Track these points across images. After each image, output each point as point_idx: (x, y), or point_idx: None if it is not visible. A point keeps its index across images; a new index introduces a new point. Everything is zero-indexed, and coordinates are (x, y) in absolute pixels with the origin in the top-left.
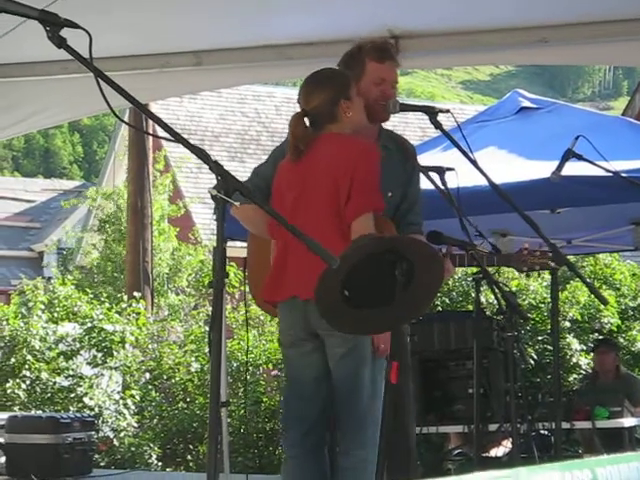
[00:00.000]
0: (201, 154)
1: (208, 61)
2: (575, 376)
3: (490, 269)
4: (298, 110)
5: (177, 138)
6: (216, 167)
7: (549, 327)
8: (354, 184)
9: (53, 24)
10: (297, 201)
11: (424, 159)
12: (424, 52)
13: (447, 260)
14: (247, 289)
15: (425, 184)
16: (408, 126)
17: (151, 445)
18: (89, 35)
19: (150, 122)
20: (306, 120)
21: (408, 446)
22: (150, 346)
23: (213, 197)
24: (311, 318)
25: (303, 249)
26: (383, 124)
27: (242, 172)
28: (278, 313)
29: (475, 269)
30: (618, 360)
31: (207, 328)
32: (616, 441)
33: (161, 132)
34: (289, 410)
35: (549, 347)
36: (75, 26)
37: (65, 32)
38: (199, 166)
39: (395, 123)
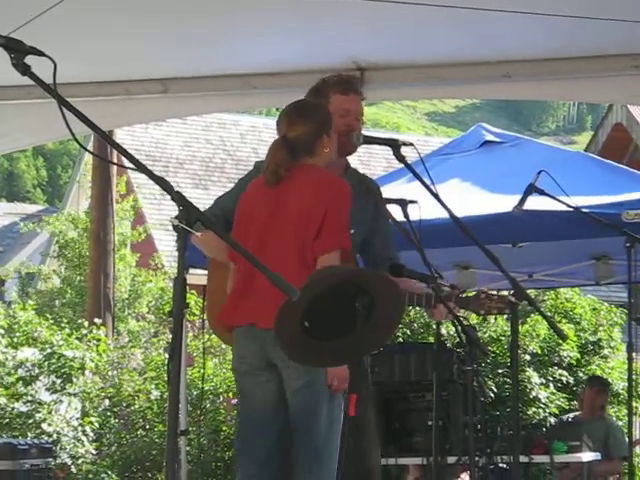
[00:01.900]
0: (163, 184)
1: (174, 89)
2: (534, 409)
3: None
4: (263, 139)
5: (139, 167)
6: (178, 197)
7: (509, 360)
8: (326, 221)
9: (18, 51)
10: (266, 227)
11: (389, 190)
12: (389, 84)
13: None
14: (205, 316)
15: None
16: (373, 157)
17: (109, 472)
18: (54, 63)
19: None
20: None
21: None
22: (110, 373)
23: (174, 227)
24: (268, 348)
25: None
26: (348, 159)
27: (206, 199)
28: (234, 338)
29: None
30: (606, 400)
31: (167, 355)
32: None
33: (125, 159)
34: (245, 439)
35: (509, 380)
36: (40, 54)
37: (30, 58)
38: (162, 192)
39: (360, 154)
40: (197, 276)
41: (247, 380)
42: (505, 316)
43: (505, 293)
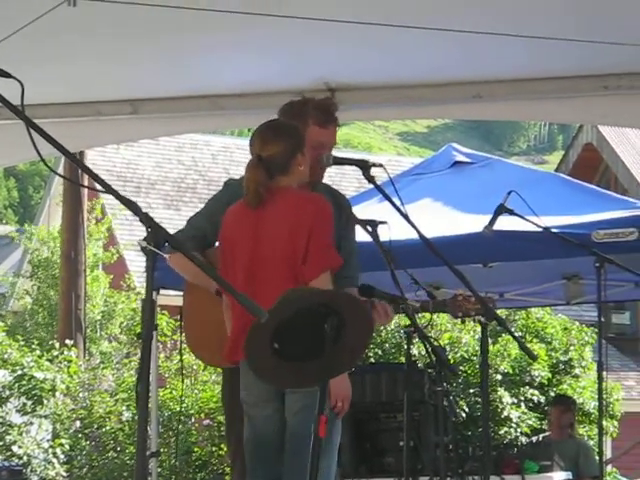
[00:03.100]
0: (131, 206)
1: (143, 110)
2: (506, 429)
3: (422, 322)
4: (235, 159)
5: (107, 189)
6: (146, 219)
7: (480, 380)
8: (311, 243)
9: None
10: (253, 257)
11: (360, 210)
12: (361, 105)
13: (387, 306)
14: (183, 338)
15: (359, 236)
16: (345, 177)
17: None
18: (21, 84)
19: None
20: None
21: None
22: (81, 394)
23: (143, 249)
24: None
25: (267, 307)
26: None
27: (178, 220)
28: (241, 371)
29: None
30: (573, 418)
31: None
32: None
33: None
34: (254, 465)
35: (480, 400)
36: (7, 75)
37: None
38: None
39: (332, 174)
40: (168, 297)
41: (254, 411)
42: (477, 335)
43: (478, 306)
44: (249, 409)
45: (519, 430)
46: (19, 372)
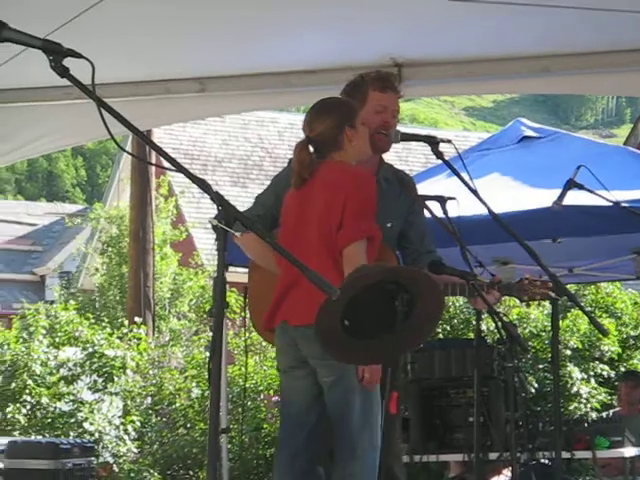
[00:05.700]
0: (202, 184)
1: (211, 88)
2: (576, 405)
3: None
4: (302, 136)
5: (178, 167)
6: (217, 197)
7: (550, 355)
8: (346, 211)
9: (56, 53)
10: (295, 229)
11: (427, 186)
12: (427, 80)
13: (493, 291)
14: (248, 315)
15: (426, 213)
16: (411, 152)
17: (151, 471)
18: (92, 65)
19: None
20: (310, 148)
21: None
22: (151, 371)
23: (214, 227)
24: (300, 345)
25: (305, 278)
26: (384, 155)
27: (244, 197)
28: (275, 338)
29: None
30: None
31: (208, 354)
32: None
33: (164, 160)
34: (281, 432)
35: (550, 375)
36: (78, 56)
37: (68, 59)
38: (201, 191)
39: (398, 150)
40: (237, 274)
41: (285, 377)
42: (546, 311)
43: (544, 290)
44: (281, 376)
45: (589, 406)
46: (90, 350)
